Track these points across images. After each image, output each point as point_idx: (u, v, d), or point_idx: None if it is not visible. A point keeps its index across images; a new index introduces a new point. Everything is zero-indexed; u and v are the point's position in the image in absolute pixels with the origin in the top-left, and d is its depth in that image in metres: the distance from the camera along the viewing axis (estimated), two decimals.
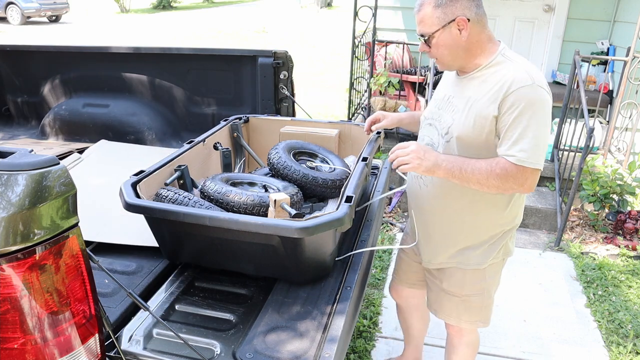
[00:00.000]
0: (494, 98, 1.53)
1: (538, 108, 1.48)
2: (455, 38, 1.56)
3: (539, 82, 1.49)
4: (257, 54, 2.71)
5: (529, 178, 1.51)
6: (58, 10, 17.45)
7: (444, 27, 1.55)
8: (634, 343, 2.70)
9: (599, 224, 3.88)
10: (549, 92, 1.52)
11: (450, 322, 1.93)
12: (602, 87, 4.59)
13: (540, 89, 1.49)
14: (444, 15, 1.54)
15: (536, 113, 1.47)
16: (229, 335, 1.38)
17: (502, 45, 1.63)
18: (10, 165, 1.04)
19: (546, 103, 1.50)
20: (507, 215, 1.72)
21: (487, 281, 1.81)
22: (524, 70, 1.51)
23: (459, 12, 1.54)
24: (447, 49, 1.59)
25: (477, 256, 1.76)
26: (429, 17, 1.56)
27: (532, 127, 1.48)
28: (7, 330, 1.06)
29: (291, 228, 1.36)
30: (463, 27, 1.55)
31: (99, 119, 3.00)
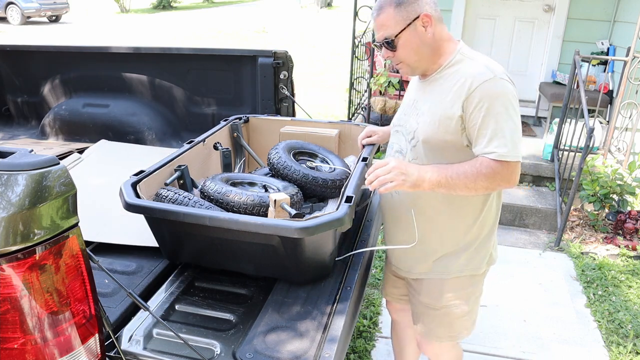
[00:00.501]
0: (457, 97, 1.48)
1: (505, 100, 1.44)
2: (421, 36, 1.51)
3: (500, 74, 1.45)
4: (257, 54, 2.71)
5: (513, 172, 1.47)
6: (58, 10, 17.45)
7: (409, 26, 1.50)
8: (634, 343, 2.70)
9: (599, 224, 3.88)
10: (511, 83, 1.48)
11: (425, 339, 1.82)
12: (602, 87, 4.59)
13: (502, 80, 1.45)
14: (407, 13, 1.49)
15: (504, 106, 1.43)
16: (229, 335, 1.38)
17: (461, 44, 1.58)
18: (10, 165, 1.04)
19: (511, 94, 1.46)
20: (485, 217, 1.65)
21: (467, 290, 1.72)
22: (483, 65, 1.48)
23: (421, 9, 1.49)
24: (414, 49, 1.53)
25: (458, 264, 1.67)
26: (392, 17, 1.49)
27: (504, 120, 1.43)
28: (7, 330, 1.06)
29: (291, 228, 1.36)
30: (428, 23, 1.50)
31: (99, 119, 3.00)
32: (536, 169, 4.35)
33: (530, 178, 4.42)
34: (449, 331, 1.78)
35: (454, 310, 1.73)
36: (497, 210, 1.71)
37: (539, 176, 4.39)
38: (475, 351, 2.64)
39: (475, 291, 1.75)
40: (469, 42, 5.35)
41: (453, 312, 1.73)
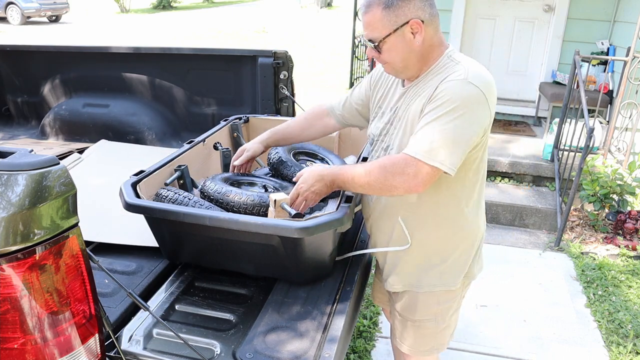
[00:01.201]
0: (427, 95, 1.39)
1: (460, 105, 1.30)
2: (408, 43, 1.39)
3: (472, 78, 1.32)
4: (257, 54, 2.71)
5: (418, 175, 1.31)
6: (58, 10, 17.45)
7: (396, 31, 1.37)
8: (634, 343, 2.70)
9: (599, 224, 3.88)
10: (484, 91, 1.32)
11: (404, 351, 1.76)
12: (602, 87, 4.59)
13: (470, 85, 1.32)
14: (395, 17, 1.36)
15: (455, 110, 1.30)
16: (229, 335, 1.38)
17: (450, 49, 1.46)
18: (10, 165, 1.04)
19: (473, 102, 1.32)
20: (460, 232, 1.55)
21: (442, 305, 1.63)
22: (463, 67, 1.37)
23: (412, 14, 1.36)
24: (399, 55, 1.41)
25: (430, 279, 1.59)
26: (378, 20, 1.37)
27: (444, 122, 1.30)
28: (7, 330, 1.06)
29: (291, 228, 1.36)
30: (417, 30, 1.37)
31: (99, 119, 3.00)
32: (536, 169, 4.35)
33: (530, 178, 4.42)
34: (424, 345, 1.71)
35: (428, 324, 1.66)
36: (475, 226, 1.58)
37: (539, 176, 4.39)
38: (475, 351, 2.64)
39: (452, 306, 1.66)
40: (469, 42, 5.35)
41: (427, 326, 1.67)
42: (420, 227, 1.54)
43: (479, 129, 1.35)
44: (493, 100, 1.37)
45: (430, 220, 1.53)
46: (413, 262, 1.60)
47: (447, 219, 1.52)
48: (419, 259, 1.59)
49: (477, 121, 1.34)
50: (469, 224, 1.56)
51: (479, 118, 1.34)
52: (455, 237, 1.56)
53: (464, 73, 1.34)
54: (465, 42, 5.34)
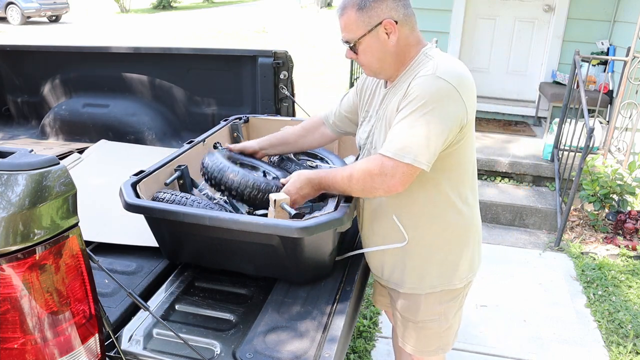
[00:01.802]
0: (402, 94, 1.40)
1: (429, 100, 1.31)
2: (383, 43, 1.42)
3: (442, 73, 1.33)
4: (257, 54, 2.71)
5: (395, 174, 1.32)
6: (58, 10, 17.46)
7: (370, 32, 1.40)
8: (634, 343, 2.70)
9: (599, 224, 3.88)
10: (454, 85, 1.32)
11: (408, 351, 1.75)
12: (602, 87, 4.59)
13: (440, 80, 1.32)
14: (368, 18, 1.39)
15: (424, 105, 1.31)
16: (229, 335, 1.38)
17: (428, 47, 1.47)
18: (10, 165, 1.04)
19: (443, 96, 1.32)
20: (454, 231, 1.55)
21: (444, 305, 1.63)
22: (434, 63, 1.37)
23: (385, 15, 1.39)
24: (375, 55, 1.44)
25: (430, 280, 1.58)
26: (353, 21, 1.40)
27: (414, 118, 1.31)
28: (7, 330, 1.06)
29: (291, 228, 1.36)
30: (391, 30, 1.40)
31: (99, 119, 3.00)
32: (536, 169, 4.36)
33: (530, 178, 4.42)
34: (428, 345, 1.71)
35: (432, 324, 1.66)
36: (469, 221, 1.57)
37: (539, 176, 4.39)
38: (475, 351, 2.64)
39: (455, 305, 1.66)
40: (468, 42, 5.35)
41: (431, 327, 1.66)
42: (414, 226, 1.54)
43: (452, 124, 1.34)
44: (468, 94, 1.36)
45: (424, 219, 1.53)
46: (411, 263, 1.59)
47: (439, 216, 1.52)
48: (417, 260, 1.58)
49: (449, 116, 1.33)
50: (463, 219, 1.55)
51: (451, 113, 1.33)
52: (450, 233, 1.55)
53: (433, 68, 1.35)
54: (465, 42, 5.34)
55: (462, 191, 1.52)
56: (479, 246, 1.66)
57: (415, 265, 1.59)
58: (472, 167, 1.54)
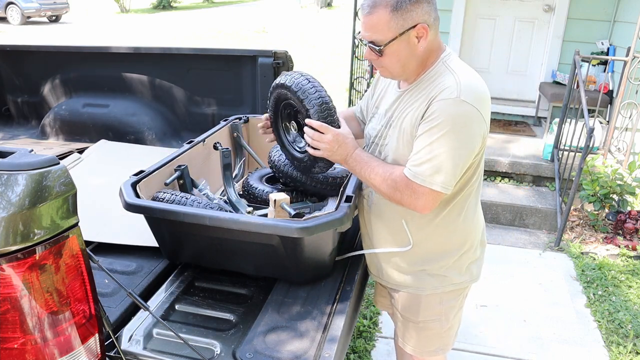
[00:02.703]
0: (421, 105, 1.37)
1: (455, 126, 1.30)
2: (412, 48, 1.35)
3: (465, 96, 1.30)
4: (257, 54, 2.71)
5: (419, 197, 1.34)
6: (58, 10, 17.45)
7: (402, 35, 1.32)
8: (634, 343, 2.70)
9: (599, 224, 3.88)
10: (478, 109, 1.32)
11: (408, 352, 1.74)
12: (602, 87, 4.59)
13: (465, 104, 1.30)
14: (402, 21, 1.31)
15: (451, 131, 1.30)
16: (229, 335, 1.38)
17: (446, 53, 1.43)
18: (10, 165, 1.04)
19: (468, 120, 1.31)
20: (460, 233, 1.55)
21: (445, 305, 1.63)
22: (456, 81, 1.33)
23: (419, 18, 1.31)
24: (401, 60, 1.37)
25: (433, 280, 1.58)
26: (385, 22, 1.31)
27: (442, 144, 1.30)
28: (7, 330, 1.06)
29: (291, 228, 1.37)
30: (422, 35, 1.34)
31: (99, 119, 3.00)
32: (536, 169, 4.35)
33: (530, 178, 4.42)
34: (429, 345, 1.71)
35: (432, 324, 1.65)
36: (474, 227, 1.59)
37: (539, 176, 4.39)
38: (475, 351, 2.64)
39: (455, 306, 1.66)
40: (468, 42, 5.35)
41: (431, 327, 1.66)
42: (420, 230, 1.54)
43: (476, 146, 1.37)
44: (487, 112, 1.37)
45: (431, 223, 1.52)
46: (412, 263, 1.59)
47: (447, 222, 1.52)
48: (419, 261, 1.58)
49: (474, 139, 1.35)
50: (468, 225, 1.56)
51: (476, 136, 1.35)
52: (455, 237, 1.56)
53: (457, 90, 1.31)
54: (465, 42, 5.33)
55: (470, 199, 1.53)
56: (482, 250, 1.66)
57: (417, 267, 1.59)
58: (481, 174, 1.55)
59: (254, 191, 2.02)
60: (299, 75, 1.59)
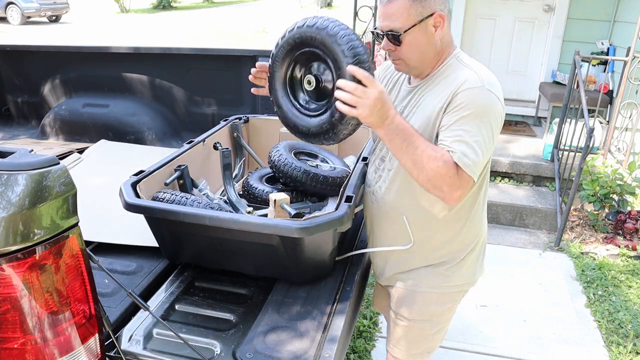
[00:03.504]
0: (442, 99, 1.36)
1: (487, 114, 1.32)
2: (429, 37, 1.37)
3: (489, 85, 1.33)
4: (257, 54, 2.71)
5: (462, 187, 1.31)
6: (58, 10, 17.45)
7: (420, 23, 1.35)
8: (634, 343, 2.70)
9: (599, 224, 3.88)
10: (500, 99, 1.35)
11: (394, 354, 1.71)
12: (602, 87, 4.59)
13: (490, 93, 1.32)
14: (422, 8, 1.34)
15: (484, 121, 1.31)
16: (229, 335, 1.38)
17: (457, 50, 1.46)
18: (10, 165, 1.04)
19: (496, 109, 1.33)
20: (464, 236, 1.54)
21: (440, 307, 1.61)
22: (475, 72, 1.36)
23: (437, 7, 1.35)
24: (419, 49, 1.38)
25: (431, 279, 1.57)
26: (404, 9, 1.33)
27: (476, 132, 1.30)
28: (7, 330, 1.06)
29: (291, 228, 1.36)
30: (439, 24, 1.36)
31: (99, 119, 3.01)
32: (536, 169, 4.35)
33: (530, 178, 4.42)
34: (415, 347, 1.68)
35: (423, 325, 1.63)
36: (478, 229, 1.57)
37: (539, 176, 4.39)
38: (475, 351, 2.64)
39: (450, 309, 1.64)
40: (468, 42, 5.35)
41: (421, 328, 1.63)
42: (426, 228, 1.53)
43: (498, 134, 1.39)
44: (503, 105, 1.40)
45: (434, 222, 1.52)
46: (415, 261, 1.58)
47: (453, 222, 1.52)
48: (421, 259, 1.58)
49: (498, 128, 1.37)
50: (474, 227, 1.55)
51: (499, 125, 1.37)
52: (460, 240, 1.55)
53: (480, 80, 1.33)
54: (465, 42, 5.33)
55: (477, 199, 1.52)
56: (483, 255, 1.65)
57: (418, 265, 1.59)
58: (487, 174, 1.53)
59: (254, 191, 2.02)
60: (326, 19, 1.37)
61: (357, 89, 1.24)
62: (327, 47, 1.33)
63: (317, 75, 1.43)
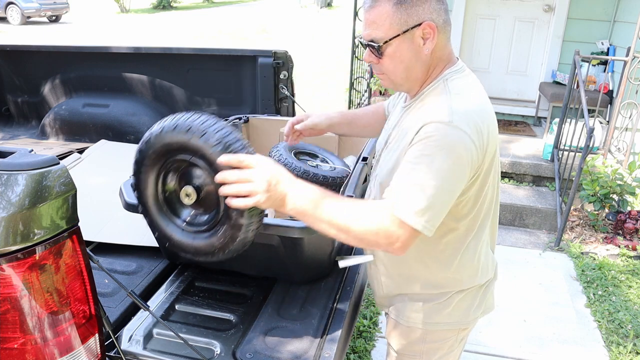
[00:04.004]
0: (414, 129, 1.16)
1: (444, 152, 1.09)
2: (416, 50, 1.18)
3: (459, 121, 1.10)
4: (257, 54, 2.71)
5: (400, 238, 1.09)
6: (58, 10, 17.45)
7: (405, 33, 1.16)
8: (634, 343, 2.70)
9: (599, 224, 3.88)
10: (470, 136, 1.11)
11: None
12: (602, 87, 4.59)
13: (456, 129, 1.10)
14: (407, 16, 1.15)
15: (440, 158, 1.09)
16: (229, 335, 1.38)
17: (455, 67, 1.24)
18: (10, 165, 1.04)
19: (457, 148, 1.10)
20: (450, 275, 1.33)
21: (427, 345, 1.40)
22: (449, 104, 1.15)
23: (426, 15, 1.16)
24: (403, 62, 1.20)
25: (413, 313, 1.38)
26: (387, 17, 1.15)
27: (426, 173, 1.09)
28: (7, 330, 1.06)
29: (291, 228, 1.36)
30: (429, 35, 1.17)
31: (99, 119, 3.01)
32: (536, 169, 4.35)
33: (530, 178, 4.42)
34: None
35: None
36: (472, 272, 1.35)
37: (539, 176, 4.39)
38: (475, 351, 2.64)
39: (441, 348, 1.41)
40: (469, 42, 5.35)
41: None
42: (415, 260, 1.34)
43: (466, 177, 1.15)
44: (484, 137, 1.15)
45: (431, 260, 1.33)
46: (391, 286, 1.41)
47: (427, 259, 1.32)
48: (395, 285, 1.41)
49: (463, 171, 1.13)
50: (463, 270, 1.33)
51: (465, 166, 1.13)
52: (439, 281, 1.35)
53: (449, 114, 1.12)
54: (465, 42, 5.34)
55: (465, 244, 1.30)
56: (483, 297, 1.41)
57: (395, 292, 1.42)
58: (485, 214, 1.30)
59: None
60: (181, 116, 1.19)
61: (241, 174, 1.10)
62: (191, 147, 1.16)
63: (194, 184, 1.22)
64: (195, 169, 1.22)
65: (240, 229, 1.17)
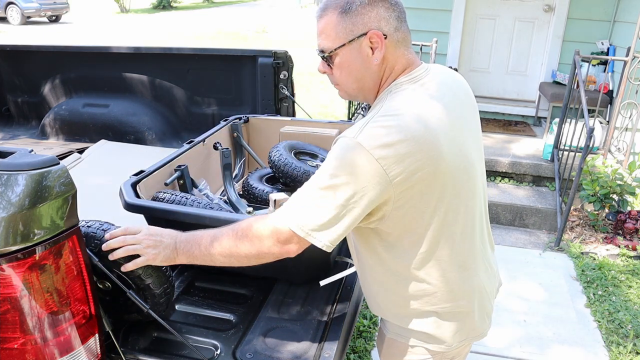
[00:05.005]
0: None
1: (339, 164, 1.05)
2: (365, 59, 1.14)
3: (364, 139, 1.04)
4: (257, 54, 2.71)
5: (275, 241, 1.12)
6: (58, 10, 17.46)
7: (351, 42, 1.13)
8: (634, 343, 2.70)
9: (599, 224, 3.88)
10: (373, 155, 1.02)
11: None
12: (602, 87, 4.59)
13: (358, 147, 1.03)
14: (352, 25, 1.12)
15: (334, 170, 1.05)
16: (229, 335, 1.38)
17: (410, 76, 1.17)
18: (10, 165, 1.04)
19: (354, 165, 1.03)
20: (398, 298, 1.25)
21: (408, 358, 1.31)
22: (367, 118, 1.10)
23: (373, 24, 1.12)
24: (353, 73, 1.17)
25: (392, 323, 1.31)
26: (332, 27, 1.13)
27: (315, 185, 1.07)
28: (7, 330, 1.06)
29: None
30: (377, 45, 1.12)
31: (99, 119, 3.01)
32: (536, 169, 4.36)
33: (530, 178, 4.42)
34: None
35: None
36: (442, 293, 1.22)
37: (539, 176, 4.39)
38: (475, 351, 2.64)
39: None
40: (469, 42, 5.35)
41: None
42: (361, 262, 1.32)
43: (366, 200, 1.06)
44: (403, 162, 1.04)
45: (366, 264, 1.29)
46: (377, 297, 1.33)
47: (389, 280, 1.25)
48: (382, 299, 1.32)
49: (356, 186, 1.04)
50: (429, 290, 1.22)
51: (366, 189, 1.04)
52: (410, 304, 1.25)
53: (358, 129, 1.07)
54: (465, 42, 5.34)
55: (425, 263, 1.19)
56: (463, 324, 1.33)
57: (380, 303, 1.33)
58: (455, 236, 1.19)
59: (254, 191, 2.02)
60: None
61: (124, 237, 1.22)
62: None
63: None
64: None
65: (146, 290, 1.29)
